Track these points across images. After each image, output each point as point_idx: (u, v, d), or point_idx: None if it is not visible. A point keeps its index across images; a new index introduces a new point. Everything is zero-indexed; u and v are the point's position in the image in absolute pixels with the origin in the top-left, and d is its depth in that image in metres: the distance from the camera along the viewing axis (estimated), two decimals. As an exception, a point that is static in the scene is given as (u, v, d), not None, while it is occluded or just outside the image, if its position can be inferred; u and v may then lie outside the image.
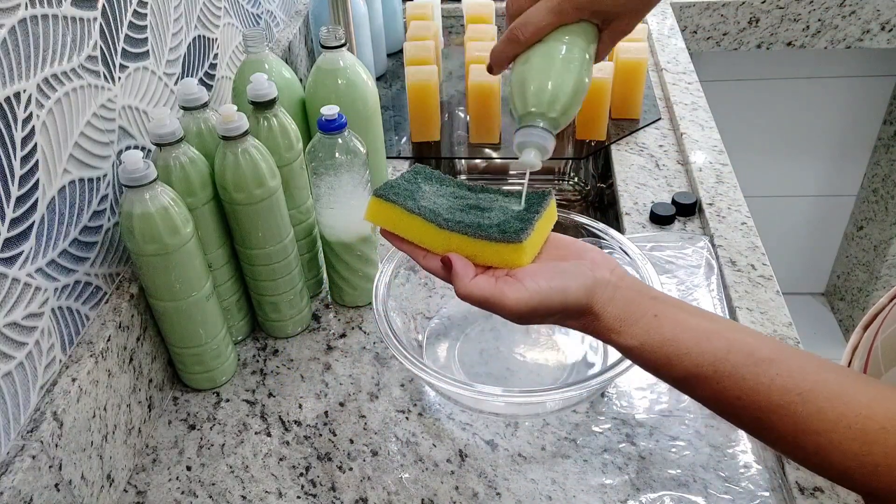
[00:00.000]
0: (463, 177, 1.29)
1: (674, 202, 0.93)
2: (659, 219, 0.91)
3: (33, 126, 0.55)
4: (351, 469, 0.66)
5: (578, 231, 0.76)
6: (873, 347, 0.61)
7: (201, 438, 0.69)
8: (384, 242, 0.89)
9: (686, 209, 0.92)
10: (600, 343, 0.76)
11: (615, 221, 0.97)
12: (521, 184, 0.54)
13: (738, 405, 0.46)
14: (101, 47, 0.64)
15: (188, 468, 0.67)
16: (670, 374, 0.49)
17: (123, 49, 0.68)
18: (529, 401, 0.64)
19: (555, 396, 0.62)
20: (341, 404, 0.72)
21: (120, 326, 0.64)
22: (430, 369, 0.63)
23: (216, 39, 0.88)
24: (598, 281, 0.49)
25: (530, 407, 0.66)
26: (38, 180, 0.56)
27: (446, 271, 0.50)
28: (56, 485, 0.55)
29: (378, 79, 1.28)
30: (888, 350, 0.58)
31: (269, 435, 0.69)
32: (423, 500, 0.63)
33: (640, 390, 0.71)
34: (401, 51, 1.29)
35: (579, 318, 0.50)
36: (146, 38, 0.72)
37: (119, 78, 0.67)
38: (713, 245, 0.86)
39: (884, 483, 0.43)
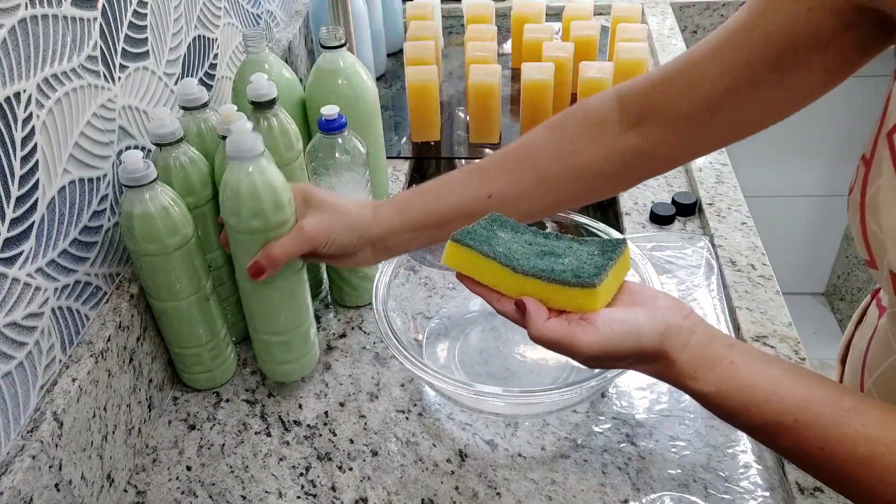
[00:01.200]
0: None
1: (674, 202, 0.93)
2: (659, 219, 0.91)
3: (33, 126, 0.55)
4: (351, 469, 0.66)
5: (578, 231, 0.76)
6: (865, 391, 0.61)
7: (201, 438, 0.69)
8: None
9: (686, 209, 0.92)
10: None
11: (615, 221, 0.97)
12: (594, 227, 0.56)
13: (821, 456, 0.45)
14: (101, 47, 0.64)
15: (188, 468, 0.67)
16: (749, 422, 0.48)
17: (123, 49, 0.68)
18: (529, 401, 0.64)
19: (555, 397, 0.62)
20: (341, 404, 0.72)
21: (120, 326, 0.64)
22: (430, 369, 0.63)
23: (216, 39, 0.88)
24: (672, 326, 0.49)
25: (530, 407, 0.66)
26: (38, 180, 0.56)
27: (520, 314, 0.51)
28: (56, 485, 0.55)
29: (378, 79, 1.28)
30: (883, 392, 0.58)
31: (269, 435, 0.69)
32: (423, 500, 0.63)
33: (640, 390, 0.71)
34: (401, 51, 1.29)
35: (653, 363, 0.50)
36: (146, 38, 0.72)
37: (119, 78, 0.67)
38: (713, 245, 0.86)
39: None
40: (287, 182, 0.62)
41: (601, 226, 0.74)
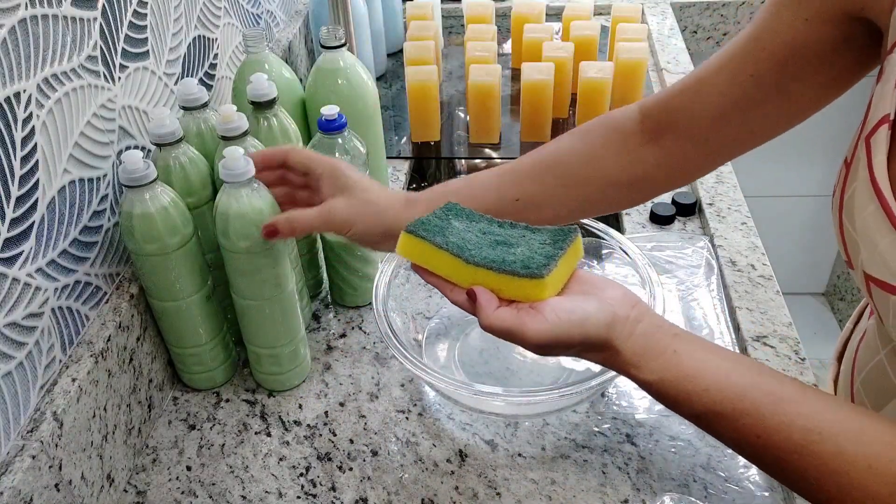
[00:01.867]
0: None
1: (674, 202, 0.93)
2: (659, 219, 0.91)
3: (33, 126, 0.55)
4: (351, 469, 0.66)
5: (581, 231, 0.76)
6: (854, 391, 0.61)
7: (201, 438, 0.69)
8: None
9: (686, 209, 0.92)
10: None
11: (615, 221, 0.97)
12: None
13: (758, 444, 0.46)
14: (101, 47, 0.64)
15: (188, 468, 0.67)
16: (690, 410, 0.49)
17: (123, 49, 0.68)
18: (529, 401, 0.64)
19: (555, 397, 0.62)
20: (341, 404, 0.72)
21: (120, 326, 0.64)
22: (430, 369, 0.63)
23: (216, 39, 0.88)
24: (618, 317, 0.50)
25: (530, 407, 0.66)
26: (38, 180, 0.56)
27: (471, 303, 0.52)
28: (56, 485, 0.55)
29: (378, 79, 1.28)
30: (870, 392, 0.59)
31: (269, 435, 0.69)
32: (423, 500, 0.63)
33: (640, 390, 0.71)
34: (401, 51, 1.29)
35: (600, 352, 0.51)
36: (146, 38, 0.72)
37: (119, 78, 0.67)
38: (713, 245, 0.86)
39: None
40: (276, 206, 0.64)
41: (601, 226, 0.74)
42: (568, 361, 0.75)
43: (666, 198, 0.95)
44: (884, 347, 0.56)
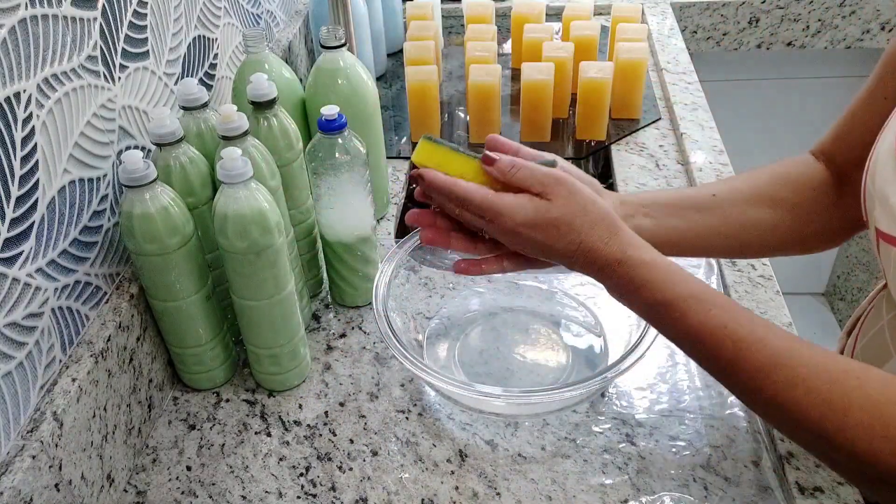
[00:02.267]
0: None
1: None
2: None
3: (33, 126, 0.55)
4: (351, 469, 0.66)
5: None
6: (854, 355, 0.62)
7: (201, 438, 0.69)
8: (384, 242, 0.90)
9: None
10: (601, 341, 0.76)
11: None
12: None
13: (704, 334, 0.51)
14: (101, 47, 0.64)
15: (188, 468, 0.67)
16: (655, 297, 0.53)
17: (123, 49, 0.68)
18: (529, 401, 0.64)
19: (555, 397, 0.62)
20: (341, 404, 0.72)
21: (120, 326, 0.64)
22: (430, 369, 0.63)
23: (216, 39, 0.88)
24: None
25: (530, 407, 0.66)
26: (38, 180, 0.56)
27: (489, 165, 0.57)
28: (56, 485, 0.55)
29: (378, 79, 1.28)
30: (868, 357, 0.59)
31: (269, 435, 0.69)
32: (423, 500, 0.63)
33: (640, 390, 0.71)
34: (401, 51, 1.29)
35: (600, 225, 0.55)
36: (146, 38, 0.72)
37: (119, 78, 0.67)
38: (713, 245, 0.86)
39: (861, 439, 0.44)
40: (276, 206, 0.64)
41: None
42: (569, 360, 0.75)
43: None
44: (888, 313, 0.57)
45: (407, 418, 0.70)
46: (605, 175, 1.12)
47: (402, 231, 0.96)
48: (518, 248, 0.58)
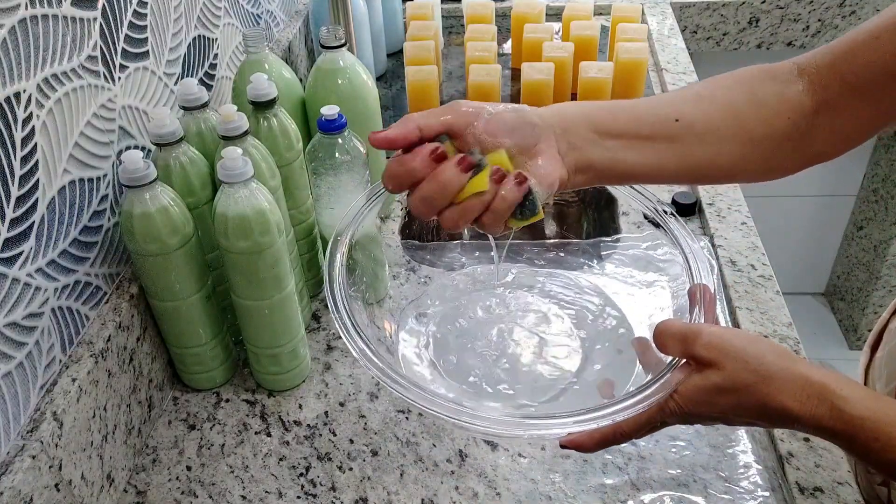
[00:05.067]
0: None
1: (674, 202, 0.93)
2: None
3: (33, 126, 0.55)
4: (351, 469, 0.66)
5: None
6: (874, 364, 0.61)
7: (201, 438, 0.69)
8: (390, 243, 0.89)
9: (686, 209, 0.92)
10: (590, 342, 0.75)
11: (612, 222, 0.97)
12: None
13: None
14: (101, 47, 0.64)
15: (188, 468, 0.67)
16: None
17: (123, 49, 0.68)
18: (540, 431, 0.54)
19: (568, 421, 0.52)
20: (341, 404, 0.72)
21: (120, 326, 0.64)
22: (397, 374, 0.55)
23: (216, 39, 0.88)
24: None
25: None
26: (38, 180, 0.56)
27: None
28: (56, 485, 0.55)
29: (378, 79, 1.28)
30: (891, 362, 0.58)
31: (269, 435, 0.69)
32: (423, 500, 0.63)
33: (640, 390, 0.71)
34: (401, 51, 1.29)
35: (789, 382, 0.46)
36: (146, 38, 0.72)
37: (119, 78, 0.67)
38: (713, 245, 0.86)
39: None
40: (276, 206, 0.64)
41: (682, 231, 0.69)
42: (565, 367, 0.74)
43: (666, 197, 0.95)
44: None
45: (407, 418, 0.70)
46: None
47: (407, 230, 0.96)
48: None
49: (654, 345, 0.51)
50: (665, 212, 0.67)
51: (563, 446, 0.51)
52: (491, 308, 0.81)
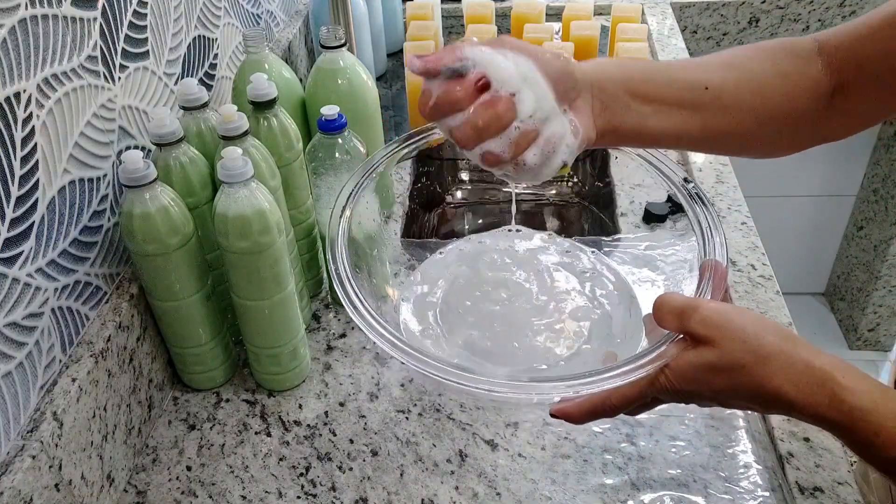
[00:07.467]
0: (465, 175, 1.29)
1: (669, 200, 0.93)
2: (653, 217, 0.91)
3: (33, 126, 0.55)
4: (351, 469, 0.66)
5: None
6: None
7: (201, 438, 0.69)
8: (390, 243, 0.89)
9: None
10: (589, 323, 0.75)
11: (611, 222, 0.97)
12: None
13: None
14: (101, 47, 0.64)
15: (188, 468, 0.67)
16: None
17: (123, 49, 0.68)
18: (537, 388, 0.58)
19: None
20: (341, 404, 0.72)
21: (120, 326, 0.64)
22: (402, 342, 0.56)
23: (216, 39, 0.88)
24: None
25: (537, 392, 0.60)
26: (38, 180, 0.56)
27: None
28: (56, 485, 0.55)
29: (378, 79, 1.28)
30: None
31: (269, 435, 0.69)
32: (423, 500, 0.63)
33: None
34: (401, 51, 1.29)
35: (790, 367, 0.44)
36: (146, 38, 0.72)
37: (119, 78, 0.67)
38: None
39: None
40: (276, 206, 0.64)
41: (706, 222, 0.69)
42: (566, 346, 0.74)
43: (661, 196, 0.95)
44: None
45: (407, 418, 0.70)
46: (604, 175, 1.12)
47: (407, 230, 0.96)
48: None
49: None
50: (690, 194, 0.67)
51: (552, 415, 0.50)
52: (498, 265, 0.78)
